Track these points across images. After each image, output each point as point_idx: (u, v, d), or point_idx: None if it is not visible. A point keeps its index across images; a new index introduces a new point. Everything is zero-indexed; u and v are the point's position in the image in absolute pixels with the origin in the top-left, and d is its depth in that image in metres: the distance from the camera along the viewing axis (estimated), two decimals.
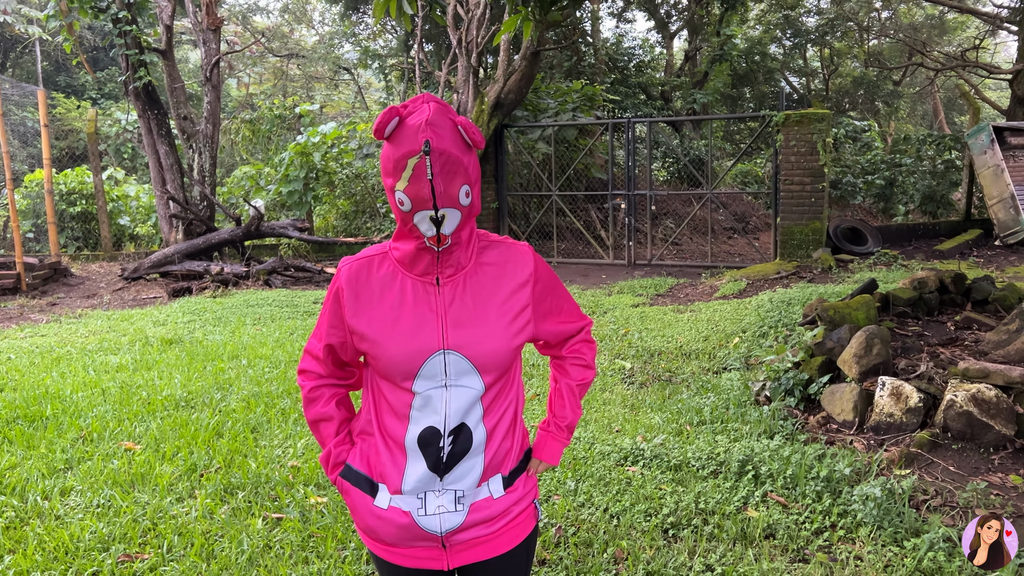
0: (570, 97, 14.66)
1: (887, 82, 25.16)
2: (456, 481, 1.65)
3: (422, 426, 1.63)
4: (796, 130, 10.82)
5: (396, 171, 1.53)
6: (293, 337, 7.14)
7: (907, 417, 4.16)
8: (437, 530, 1.65)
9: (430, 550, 1.68)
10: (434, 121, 1.50)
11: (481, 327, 1.63)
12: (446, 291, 1.63)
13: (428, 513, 1.64)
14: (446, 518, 1.65)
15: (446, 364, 1.61)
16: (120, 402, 5.11)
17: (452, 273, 1.64)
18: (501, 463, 1.71)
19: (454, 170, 1.52)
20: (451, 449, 1.63)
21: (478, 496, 1.67)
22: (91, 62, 25.55)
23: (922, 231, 13.15)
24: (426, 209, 1.53)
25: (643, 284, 10.15)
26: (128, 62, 12.00)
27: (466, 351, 1.61)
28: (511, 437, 1.73)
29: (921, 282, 6.04)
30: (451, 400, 1.62)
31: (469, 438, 1.64)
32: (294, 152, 14.11)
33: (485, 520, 1.68)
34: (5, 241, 13.46)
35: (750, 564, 3.02)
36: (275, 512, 3.52)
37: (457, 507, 1.65)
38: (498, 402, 1.69)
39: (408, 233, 1.59)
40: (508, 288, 1.68)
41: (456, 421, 1.63)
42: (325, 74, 27.92)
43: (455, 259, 1.63)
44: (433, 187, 1.51)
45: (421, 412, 1.63)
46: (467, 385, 1.63)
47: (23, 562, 3.06)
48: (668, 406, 4.98)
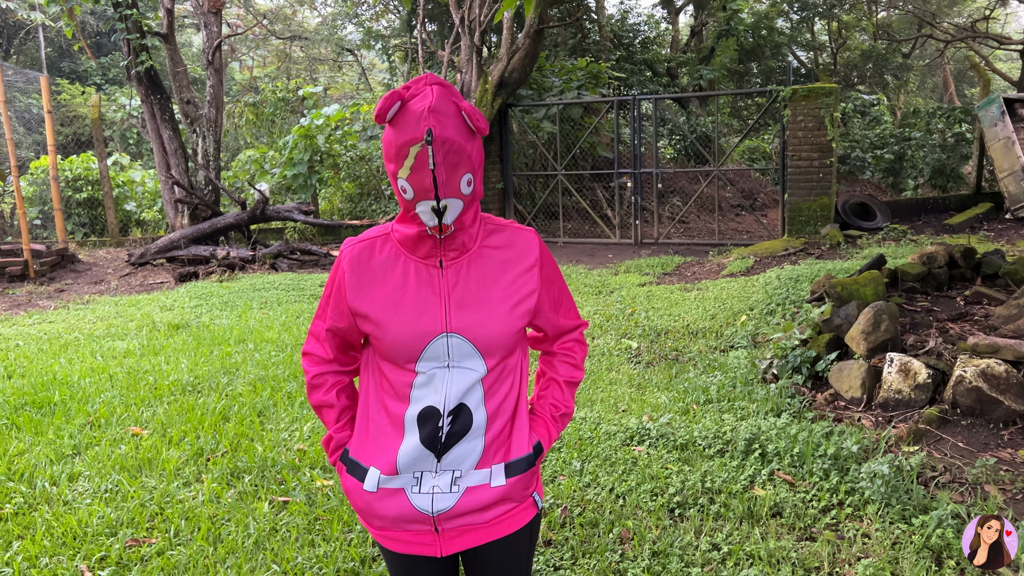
0: (575, 75, 14.54)
1: (896, 55, 24.84)
2: (453, 462, 1.62)
3: (422, 405, 1.61)
4: (804, 105, 10.70)
5: (398, 158, 1.51)
6: (299, 321, 7.14)
7: (916, 393, 4.13)
8: (428, 509, 1.62)
9: (422, 534, 1.65)
10: (437, 108, 1.47)
11: (484, 310, 1.61)
12: (449, 273, 1.62)
13: (422, 491, 1.62)
14: (439, 498, 1.62)
15: (449, 347, 1.60)
16: (127, 387, 5.12)
17: (456, 256, 1.62)
18: (503, 449, 1.67)
19: (457, 159, 1.50)
20: (450, 429, 1.61)
21: (475, 480, 1.64)
22: (94, 48, 25.48)
23: (932, 205, 13.03)
24: (428, 199, 1.51)
25: (650, 263, 10.10)
26: (130, 46, 11.95)
27: (468, 334, 1.60)
28: (513, 423, 1.69)
29: (930, 257, 5.98)
30: (452, 381, 1.61)
31: (469, 419, 1.62)
32: (298, 135, 14.05)
33: (479, 508, 1.64)
34: (12, 228, 13.50)
35: (757, 543, 3.01)
36: (281, 495, 3.53)
37: (452, 488, 1.62)
38: (499, 385, 1.66)
39: (411, 219, 1.58)
40: (513, 272, 1.66)
41: (456, 401, 1.61)
42: (328, 56, 27.78)
43: (458, 242, 1.61)
44: (435, 177, 1.48)
45: (422, 392, 1.62)
46: (469, 367, 1.62)
47: (32, 547, 3.08)
48: (674, 385, 4.96)
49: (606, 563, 2.91)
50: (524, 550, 1.76)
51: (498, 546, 1.70)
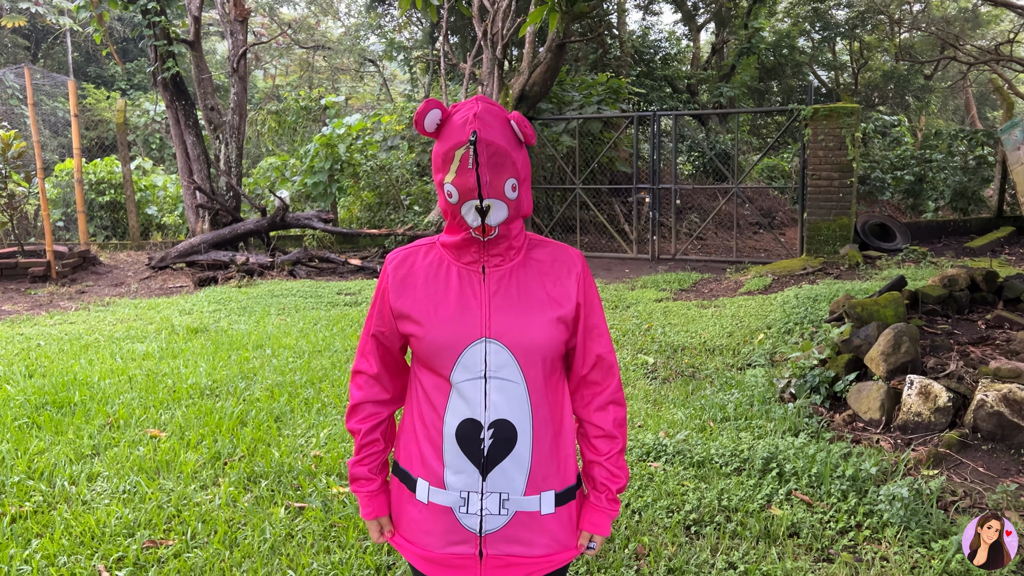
0: (595, 90, 14.58)
1: (918, 76, 24.75)
2: (500, 484, 1.61)
3: (461, 417, 1.61)
4: (824, 124, 10.68)
5: (445, 165, 1.55)
6: (317, 327, 7.18)
7: (935, 417, 4.10)
8: (476, 529, 1.62)
9: (464, 558, 1.64)
10: (482, 115, 1.52)
11: (523, 316, 1.62)
12: (491, 280, 1.63)
13: (470, 512, 1.62)
14: (488, 519, 1.62)
15: (487, 353, 1.60)
16: (146, 390, 5.17)
17: (499, 263, 1.64)
18: (550, 474, 1.65)
19: (501, 162, 1.53)
20: (492, 443, 1.60)
21: (525, 506, 1.63)
22: (120, 53, 25.83)
23: (952, 228, 12.94)
24: (472, 199, 1.54)
25: (667, 279, 10.08)
26: (156, 53, 12.11)
27: (506, 339, 1.60)
28: (559, 446, 1.68)
29: (951, 279, 5.94)
30: (491, 392, 1.60)
31: (512, 434, 1.60)
32: (319, 144, 14.16)
33: (526, 538, 1.63)
34: (36, 230, 13.66)
35: (773, 563, 2.99)
36: (297, 501, 3.54)
37: (501, 511, 1.61)
38: (542, 403, 1.64)
39: (457, 226, 1.61)
40: (554, 283, 1.67)
41: (496, 415, 1.60)
42: (351, 66, 28.01)
43: (502, 249, 1.63)
44: (479, 176, 1.51)
45: (460, 403, 1.61)
46: (507, 378, 1.60)
47: (50, 546, 3.10)
48: (691, 402, 4.94)
49: None
50: None
51: None
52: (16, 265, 10.57)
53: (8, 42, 24.28)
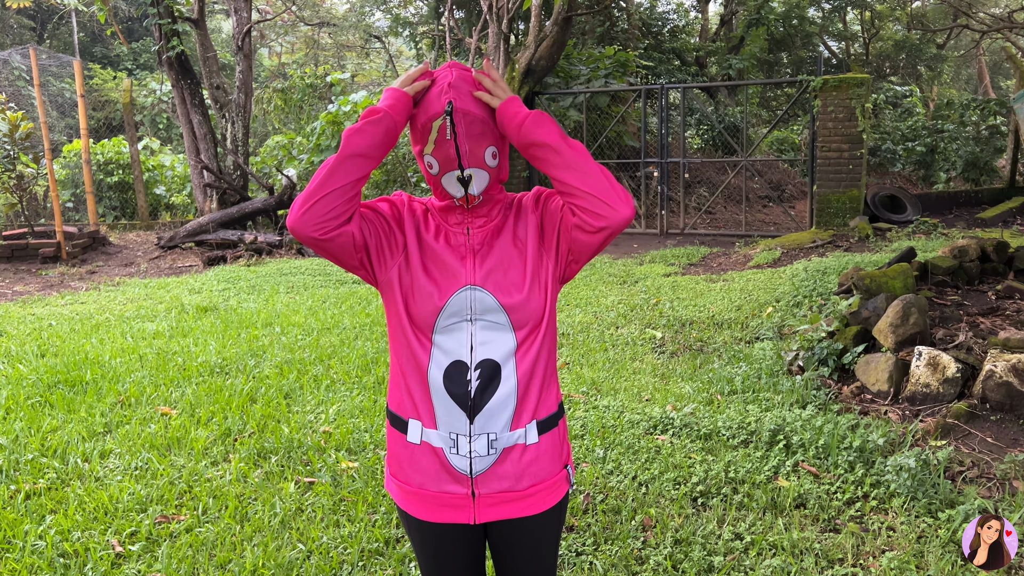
0: (602, 63, 14.44)
1: (930, 45, 24.38)
2: (488, 424, 1.63)
3: (449, 359, 1.62)
4: (834, 96, 10.56)
5: (423, 136, 1.57)
6: (326, 305, 7.20)
7: (944, 387, 4.09)
8: (467, 470, 1.64)
9: (457, 497, 1.66)
10: (456, 83, 1.54)
11: (506, 261, 1.65)
12: (476, 236, 1.66)
13: (459, 454, 1.64)
14: (477, 461, 1.64)
15: (472, 300, 1.62)
16: (157, 368, 5.21)
17: (483, 223, 1.67)
18: (535, 407, 1.68)
19: (480, 130, 1.55)
20: (478, 384, 1.62)
21: (511, 441, 1.65)
22: (126, 33, 25.73)
23: (964, 199, 12.81)
24: (453, 170, 1.57)
25: (675, 253, 10.05)
26: (161, 32, 12.06)
27: (490, 284, 1.63)
28: (544, 383, 1.70)
29: (961, 250, 5.89)
30: (476, 333, 1.62)
31: (497, 374, 1.62)
32: (326, 121, 14.12)
33: (515, 472, 1.66)
34: (45, 211, 13.72)
35: (780, 533, 3.00)
36: (307, 476, 3.58)
37: (489, 451, 1.64)
38: (528, 345, 1.66)
39: (440, 196, 1.65)
40: (523, 225, 1.69)
41: (482, 355, 1.62)
42: (356, 43, 27.82)
43: (486, 211, 1.67)
44: (457, 147, 1.53)
45: (446, 345, 1.63)
46: (492, 320, 1.63)
47: (64, 522, 3.15)
48: (699, 375, 4.94)
49: (628, 549, 2.92)
50: (554, 533, 1.77)
51: (530, 525, 1.71)
52: (27, 246, 10.63)
53: (14, 23, 24.23)
